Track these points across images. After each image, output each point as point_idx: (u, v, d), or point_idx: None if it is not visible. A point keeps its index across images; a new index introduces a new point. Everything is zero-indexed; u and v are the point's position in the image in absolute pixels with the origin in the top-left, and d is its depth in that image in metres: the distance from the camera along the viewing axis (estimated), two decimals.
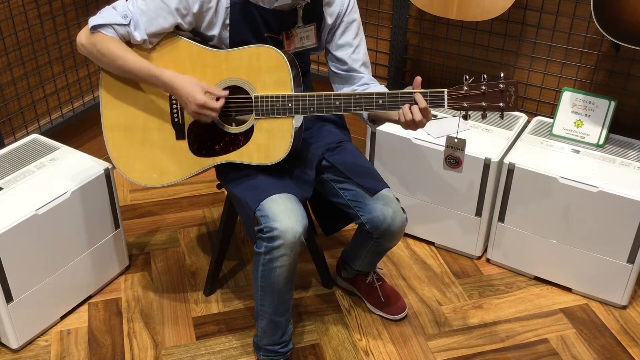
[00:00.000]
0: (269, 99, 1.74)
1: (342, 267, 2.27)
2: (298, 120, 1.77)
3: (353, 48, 1.92)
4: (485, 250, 2.49)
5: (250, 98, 1.76)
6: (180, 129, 1.84)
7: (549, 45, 2.42)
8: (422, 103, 1.66)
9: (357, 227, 2.02)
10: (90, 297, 2.28)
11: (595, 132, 2.32)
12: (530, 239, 2.31)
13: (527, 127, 2.46)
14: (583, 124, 2.34)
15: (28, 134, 2.47)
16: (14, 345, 2.06)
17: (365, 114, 1.91)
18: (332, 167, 1.93)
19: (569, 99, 2.36)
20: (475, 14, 2.24)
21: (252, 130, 1.79)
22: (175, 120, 1.84)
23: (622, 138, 2.37)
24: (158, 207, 2.75)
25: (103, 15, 1.75)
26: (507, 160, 2.25)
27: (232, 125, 1.82)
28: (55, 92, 2.65)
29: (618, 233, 2.14)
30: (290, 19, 1.83)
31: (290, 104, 1.73)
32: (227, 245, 2.26)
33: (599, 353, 2.09)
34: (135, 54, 1.76)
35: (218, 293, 2.31)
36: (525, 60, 2.49)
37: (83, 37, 1.78)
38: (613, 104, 2.29)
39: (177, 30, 1.80)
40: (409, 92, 1.67)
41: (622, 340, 2.14)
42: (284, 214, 1.73)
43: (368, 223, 1.89)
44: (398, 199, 1.93)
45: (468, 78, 1.65)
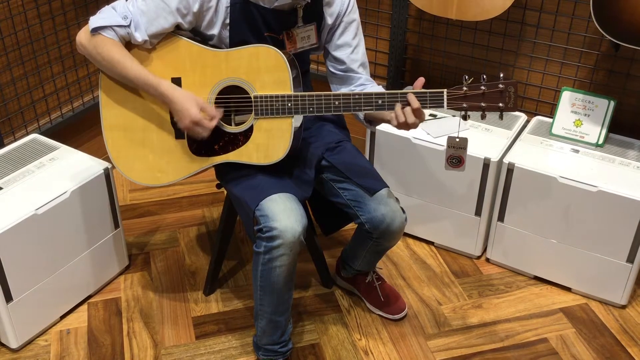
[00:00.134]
0: (269, 99, 1.74)
1: (341, 266, 2.27)
2: (297, 120, 1.77)
3: (352, 48, 1.92)
4: (485, 250, 2.49)
5: (250, 98, 1.76)
6: (180, 129, 1.84)
7: (549, 45, 2.42)
8: (414, 104, 1.65)
9: (356, 226, 2.02)
10: (90, 296, 2.28)
11: (595, 131, 2.32)
12: (530, 239, 2.31)
13: (526, 126, 2.46)
14: (582, 124, 2.34)
15: (28, 134, 2.47)
16: (14, 345, 2.06)
17: (362, 115, 1.91)
18: (331, 166, 1.93)
19: (569, 99, 2.36)
20: (475, 14, 2.24)
21: (251, 130, 1.79)
22: (175, 120, 1.84)
23: (621, 138, 2.37)
24: (158, 206, 2.75)
25: (103, 17, 1.74)
26: (506, 160, 2.25)
27: (231, 125, 1.82)
28: (55, 91, 2.65)
29: (617, 233, 2.14)
30: (290, 19, 1.83)
31: (290, 104, 1.73)
32: (226, 245, 2.26)
33: (599, 352, 2.09)
34: (136, 61, 1.75)
35: (218, 293, 2.31)
36: (525, 60, 2.49)
37: (83, 37, 1.77)
38: (612, 104, 2.29)
39: (177, 30, 1.80)
40: (408, 92, 1.67)
41: (621, 340, 2.14)
42: (284, 214, 1.73)
43: (367, 223, 1.89)
44: (397, 199, 1.94)
45: (467, 78, 1.65)
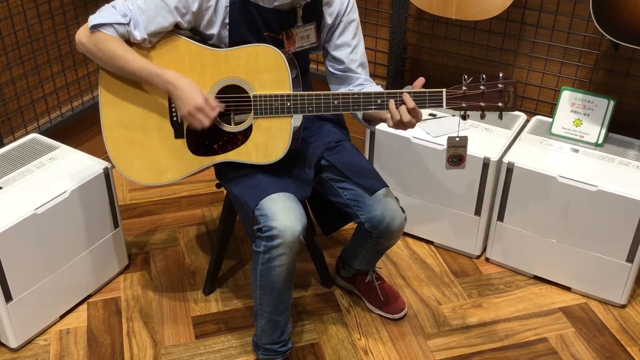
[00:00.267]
0: (268, 98, 1.74)
1: (341, 266, 2.27)
2: (297, 120, 1.77)
3: (351, 48, 1.92)
4: (485, 250, 2.49)
5: (249, 97, 1.76)
6: (179, 128, 1.84)
7: (548, 45, 2.42)
8: (410, 103, 1.65)
9: (356, 226, 2.02)
10: (90, 296, 2.28)
11: (595, 131, 2.32)
12: (530, 238, 2.31)
13: (526, 126, 2.46)
14: (582, 123, 2.34)
15: (27, 134, 2.47)
16: (14, 345, 2.06)
17: (360, 114, 1.91)
18: (331, 166, 1.93)
19: (568, 98, 2.36)
20: (474, 13, 2.23)
21: (250, 130, 1.79)
22: (174, 119, 1.84)
23: (621, 137, 2.37)
24: (157, 206, 2.75)
25: (103, 14, 1.75)
26: (506, 160, 2.25)
27: (230, 124, 1.82)
28: (55, 91, 2.65)
29: (617, 232, 2.14)
30: (290, 19, 1.83)
31: (289, 103, 1.73)
32: (226, 245, 2.26)
33: (598, 352, 2.09)
34: (136, 54, 1.75)
35: (217, 292, 2.31)
36: (525, 60, 2.49)
37: (83, 35, 1.78)
38: (612, 103, 2.29)
39: (176, 29, 1.80)
40: (407, 91, 1.66)
41: (621, 340, 2.14)
42: (283, 213, 1.73)
43: (367, 222, 1.89)
44: (397, 198, 1.94)
45: (467, 78, 1.65)
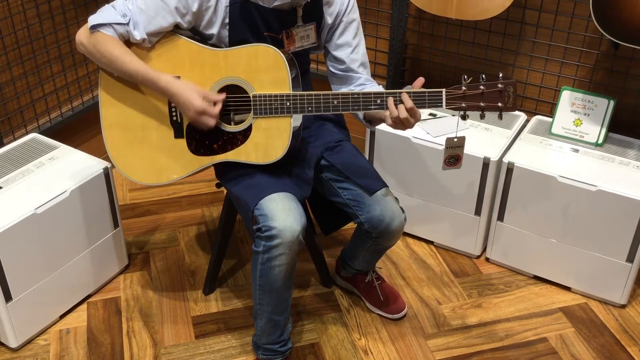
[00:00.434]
0: (267, 98, 1.74)
1: (341, 266, 2.27)
2: (297, 120, 1.77)
3: (352, 48, 1.92)
4: (485, 250, 2.49)
5: (249, 97, 1.76)
6: (179, 128, 1.84)
7: (548, 44, 2.42)
8: (408, 103, 1.65)
9: (356, 226, 2.02)
10: (90, 296, 2.28)
11: (595, 131, 2.32)
12: (530, 238, 2.31)
13: (526, 126, 2.46)
14: (582, 123, 2.34)
15: (27, 133, 2.47)
16: (13, 345, 2.06)
17: (361, 114, 1.91)
18: (331, 166, 1.93)
19: (568, 98, 2.36)
20: (474, 13, 2.23)
21: (250, 129, 1.79)
22: (174, 119, 1.84)
23: (621, 137, 2.36)
24: (157, 206, 2.75)
25: (102, 15, 1.75)
26: (506, 160, 2.25)
27: (230, 124, 1.82)
28: (55, 91, 2.65)
29: (617, 232, 2.14)
30: (290, 18, 1.83)
31: (289, 103, 1.73)
32: (226, 244, 2.26)
33: (598, 352, 2.09)
34: (135, 57, 1.75)
35: (217, 292, 2.31)
36: (525, 59, 2.49)
37: (83, 35, 1.78)
38: (612, 103, 2.29)
39: (176, 29, 1.80)
40: (407, 91, 1.66)
41: (621, 339, 2.14)
42: (283, 213, 1.73)
43: (367, 222, 1.89)
44: (397, 198, 1.93)
45: (467, 78, 1.65)
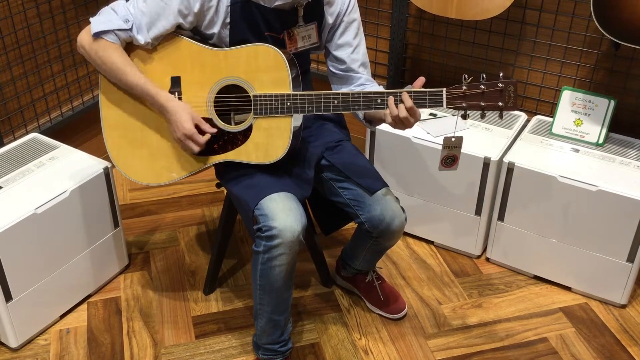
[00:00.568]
0: (268, 98, 1.74)
1: (341, 266, 2.27)
2: (297, 120, 1.77)
3: (352, 48, 1.92)
4: (485, 250, 2.48)
5: (249, 97, 1.76)
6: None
7: (549, 44, 2.42)
8: (407, 102, 1.65)
9: (356, 226, 2.02)
10: (90, 296, 2.28)
11: (595, 131, 2.31)
12: (530, 238, 2.31)
13: (526, 126, 2.46)
14: (583, 123, 2.34)
15: (27, 133, 2.47)
16: (14, 344, 2.06)
17: (362, 114, 1.91)
18: (331, 166, 1.93)
19: (569, 98, 2.36)
20: (475, 13, 2.23)
21: (250, 129, 1.79)
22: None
23: (621, 137, 2.36)
24: (157, 206, 2.75)
25: (104, 20, 1.73)
26: (506, 159, 2.25)
27: (230, 124, 1.82)
28: (55, 91, 2.65)
29: (617, 232, 2.14)
30: (291, 18, 1.83)
31: (289, 103, 1.73)
32: (226, 244, 2.26)
33: (599, 352, 2.09)
34: (135, 68, 1.76)
35: (217, 292, 2.31)
36: (525, 59, 2.49)
37: (85, 39, 1.77)
38: (612, 103, 2.29)
39: (177, 30, 1.80)
40: (407, 91, 1.66)
41: (621, 339, 2.14)
42: (283, 213, 1.73)
43: (367, 222, 1.89)
44: (397, 198, 1.93)
45: (467, 77, 1.65)
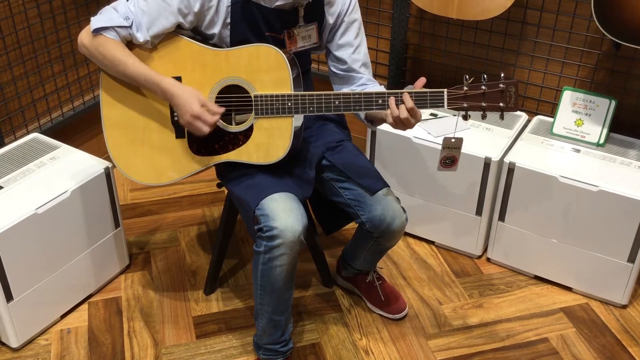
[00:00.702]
0: (269, 98, 1.74)
1: (342, 266, 2.27)
2: (298, 120, 1.77)
3: (353, 48, 1.92)
4: (486, 250, 2.48)
5: (250, 97, 1.76)
6: (180, 128, 1.84)
7: (550, 44, 2.42)
8: (408, 103, 1.66)
9: (357, 226, 2.02)
10: (91, 296, 2.28)
11: (596, 131, 2.31)
12: (531, 238, 2.31)
13: (527, 126, 2.46)
14: (583, 123, 2.34)
15: (28, 133, 2.47)
16: (14, 344, 2.06)
17: (363, 114, 1.91)
18: (332, 166, 1.93)
19: (570, 98, 2.35)
20: (476, 14, 2.23)
21: (251, 130, 1.79)
22: (175, 119, 1.84)
23: (622, 137, 2.36)
24: (158, 206, 2.75)
25: (104, 17, 1.74)
26: (507, 160, 2.25)
27: (231, 124, 1.82)
28: (56, 91, 2.65)
29: (618, 232, 2.14)
30: (292, 18, 1.83)
31: (290, 103, 1.73)
32: (227, 244, 2.26)
33: (599, 352, 2.09)
34: (137, 60, 1.75)
35: (218, 292, 2.31)
36: (526, 59, 2.49)
37: (85, 38, 1.77)
38: (613, 103, 2.29)
39: (177, 29, 1.80)
40: (408, 91, 1.66)
41: (622, 340, 2.14)
42: (284, 213, 1.73)
43: (368, 222, 1.89)
44: (398, 198, 1.93)
45: (468, 78, 1.65)
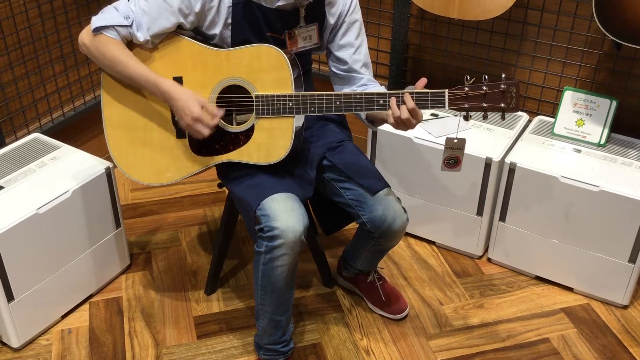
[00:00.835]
0: (270, 99, 1.74)
1: (343, 266, 2.27)
2: (299, 120, 1.77)
3: (354, 48, 1.92)
4: (487, 250, 2.48)
5: (251, 97, 1.76)
6: (181, 128, 1.84)
7: (550, 45, 2.41)
8: (409, 104, 1.66)
9: (358, 226, 2.02)
10: (91, 296, 2.28)
11: (597, 131, 2.31)
12: (532, 239, 2.31)
13: (528, 126, 2.46)
14: (584, 124, 2.34)
15: (29, 133, 2.47)
16: (15, 344, 2.06)
17: (364, 115, 1.91)
18: (333, 166, 1.93)
19: (570, 98, 2.35)
20: (476, 14, 2.23)
21: (252, 130, 1.79)
22: (176, 119, 1.84)
23: (623, 137, 2.36)
24: (159, 206, 2.75)
25: (105, 17, 1.74)
26: (508, 160, 2.25)
27: (232, 125, 1.82)
28: (57, 90, 2.65)
29: (619, 233, 2.13)
30: (293, 19, 1.83)
31: (291, 104, 1.73)
32: (228, 244, 2.26)
33: (600, 352, 2.09)
34: (137, 60, 1.75)
35: (219, 292, 2.31)
36: (527, 60, 2.49)
37: (85, 37, 1.77)
38: (614, 104, 2.29)
39: (178, 30, 1.80)
40: (409, 92, 1.66)
41: (623, 340, 2.13)
42: (285, 213, 1.73)
43: (369, 222, 1.89)
44: (399, 199, 1.93)
45: (469, 78, 1.65)
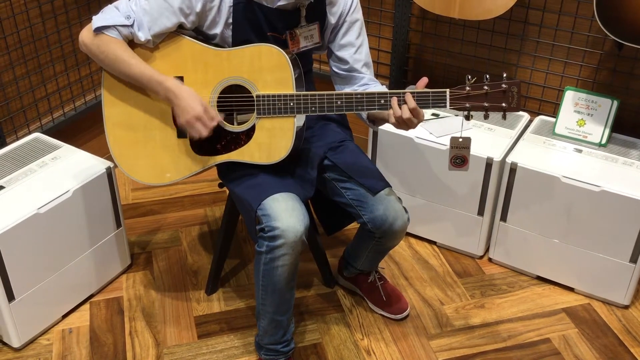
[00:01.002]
0: (271, 98, 1.74)
1: (343, 266, 2.27)
2: (300, 120, 1.77)
3: (355, 48, 1.92)
4: (488, 250, 2.48)
5: (252, 97, 1.76)
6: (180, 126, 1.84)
7: (552, 44, 2.41)
8: (411, 103, 1.66)
9: (358, 226, 2.02)
10: (92, 295, 2.28)
11: (598, 131, 2.31)
12: (533, 239, 2.31)
13: (529, 126, 2.45)
14: (585, 123, 2.33)
15: (30, 133, 2.47)
16: (16, 344, 2.06)
17: (365, 114, 1.91)
18: (334, 166, 1.93)
19: (572, 98, 2.35)
20: (478, 13, 2.23)
21: (253, 129, 1.79)
22: (175, 115, 1.83)
23: (624, 137, 2.36)
24: (160, 205, 2.75)
25: (106, 16, 1.74)
26: (509, 160, 2.25)
27: (233, 124, 1.82)
28: (57, 90, 2.65)
29: (620, 233, 2.13)
30: (293, 18, 1.83)
31: (292, 103, 1.73)
32: (228, 244, 2.25)
33: (601, 353, 2.08)
34: (139, 59, 1.75)
35: (220, 292, 2.31)
36: (528, 59, 2.49)
37: (86, 36, 1.77)
38: (616, 103, 2.28)
39: (179, 29, 1.80)
40: (410, 91, 1.66)
41: (624, 340, 2.13)
42: (286, 213, 1.73)
43: (370, 222, 1.89)
44: (400, 199, 1.93)
45: (470, 78, 1.65)
